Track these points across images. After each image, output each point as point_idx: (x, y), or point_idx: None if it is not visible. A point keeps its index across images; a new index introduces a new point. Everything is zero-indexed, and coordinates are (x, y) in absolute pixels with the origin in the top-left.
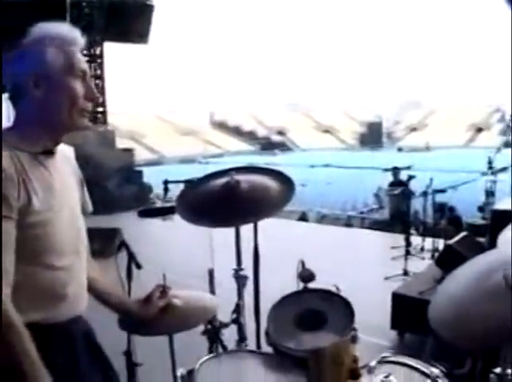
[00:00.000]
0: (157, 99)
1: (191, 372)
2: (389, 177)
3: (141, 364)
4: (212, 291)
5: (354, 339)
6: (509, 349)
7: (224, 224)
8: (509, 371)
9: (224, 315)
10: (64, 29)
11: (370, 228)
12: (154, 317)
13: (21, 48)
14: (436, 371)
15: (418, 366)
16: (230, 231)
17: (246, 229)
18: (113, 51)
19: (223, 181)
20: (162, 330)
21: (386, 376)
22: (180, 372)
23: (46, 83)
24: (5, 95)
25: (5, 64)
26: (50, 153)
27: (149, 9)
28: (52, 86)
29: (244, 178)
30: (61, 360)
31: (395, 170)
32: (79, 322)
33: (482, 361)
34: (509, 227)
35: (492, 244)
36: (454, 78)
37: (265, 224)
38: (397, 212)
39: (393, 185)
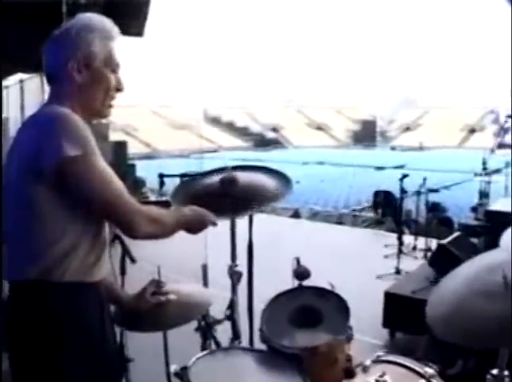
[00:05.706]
0: (151, 93)
1: (184, 369)
2: (379, 176)
3: (134, 359)
4: (205, 286)
5: (349, 338)
6: (506, 350)
7: (220, 217)
8: (506, 372)
9: (218, 314)
10: (106, 22)
11: (362, 225)
12: (148, 311)
13: (65, 33)
14: (430, 371)
15: (412, 366)
16: (224, 230)
17: (240, 227)
18: None
19: (219, 176)
20: (157, 326)
21: (381, 376)
22: (173, 368)
23: (87, 71)
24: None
25: (50, 45)
26: None
27: (146, 2)
28: (93, 75)
29: (240, 174)
30: (94, 321)
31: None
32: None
33: (476, 362)
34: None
35: (489, 244)
36: (448, 78)
37: (257, 221)
38: (389, 210)
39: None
